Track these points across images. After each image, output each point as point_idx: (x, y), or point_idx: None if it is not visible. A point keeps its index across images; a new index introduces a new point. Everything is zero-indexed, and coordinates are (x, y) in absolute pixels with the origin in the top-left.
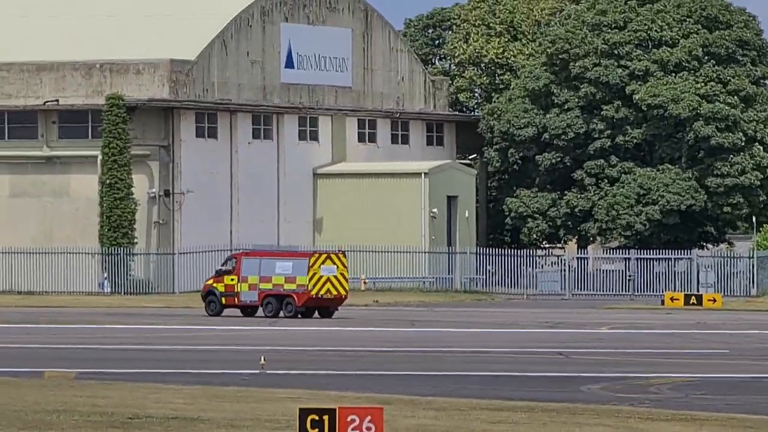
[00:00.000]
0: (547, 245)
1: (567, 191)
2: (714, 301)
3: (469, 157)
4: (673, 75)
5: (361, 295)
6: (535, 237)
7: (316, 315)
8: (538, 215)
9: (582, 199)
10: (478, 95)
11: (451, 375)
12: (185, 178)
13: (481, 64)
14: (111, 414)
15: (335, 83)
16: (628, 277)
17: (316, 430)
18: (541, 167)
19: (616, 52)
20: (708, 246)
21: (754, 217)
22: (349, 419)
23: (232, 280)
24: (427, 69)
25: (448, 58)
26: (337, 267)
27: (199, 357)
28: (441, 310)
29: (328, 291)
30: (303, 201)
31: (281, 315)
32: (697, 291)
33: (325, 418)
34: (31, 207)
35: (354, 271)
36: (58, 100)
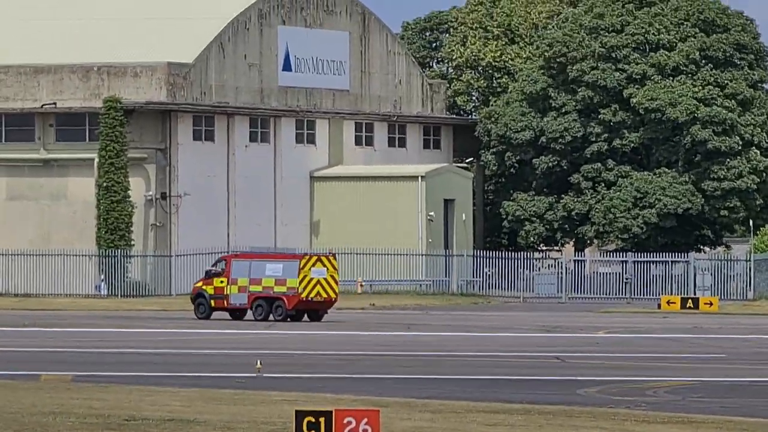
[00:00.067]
0: (544, 248)
1: (564, 195)
2: (711, 304)
3: (466, 160)
4: (671, 78)
5: (358, 298)
6: (532, 240)
7: (306, 318)
8: (535, 218)
9: (579, 203)
10: (475, 98)
11: (448, 378)
12: (182, 181)
13: (479, 68)
14: (107, 416)
15: (333, 86)
16: (625, 280)
17: None
18: (538, 171)
19: (614, 56)
20: (705, 249)
21: (751, 221)
22: (345, 421)
23: (222, 283)
24: (424, 72)
25: (446, 61)
26: (327, 269)
27: (196, 360)
28: (437, 314)
29: (318, 294)
30: (300, 204)
31: (271, 318)
32: (694, 294)
33: (322, 420)
34: (28, 210)
35: (351, 274)
36: (55, 103)
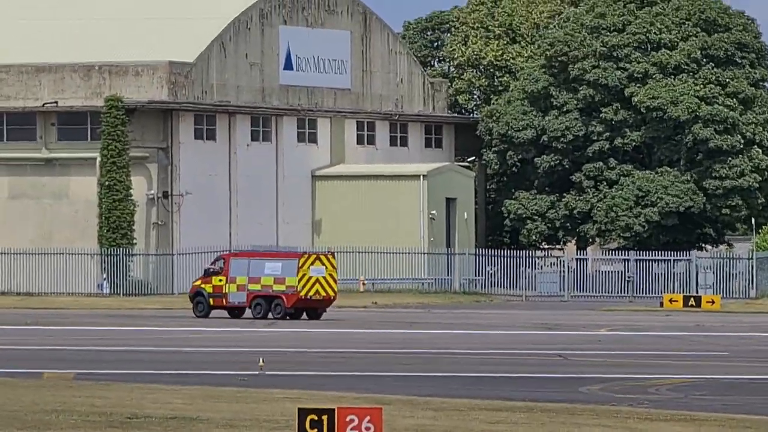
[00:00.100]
0: (546, 247)
1: (566, 193)
2: (713, 302)
3: (468, 159)
4: (672, 77)
5: (360, 296)
6: (534, 238)
7: (304, 316)
8: (537, 217)
9: (581, 201)
10: (476, 97)
11: (450, 376)
12: (184, 179)
13: (480, 67)
14: (109, 414)
15: (334, 85)
16: (627, 278)
17: (315, 430)
18: (539, 170)
19: (615, 55)
20: (707, 247)
21: (753, 219)
22: (348, 419)
23: (221, 281)
24: (425, 71)
25: (447, 60)
26: (326, 268)
27: (198, 358)
28: (440, 312)
29: (317, 292)
30: (302, 203)
31: (270, 316)
32: (696, 292)
33: (324, 418)
34: (30, 209)
35: (353, 273)
36: (57, 102)
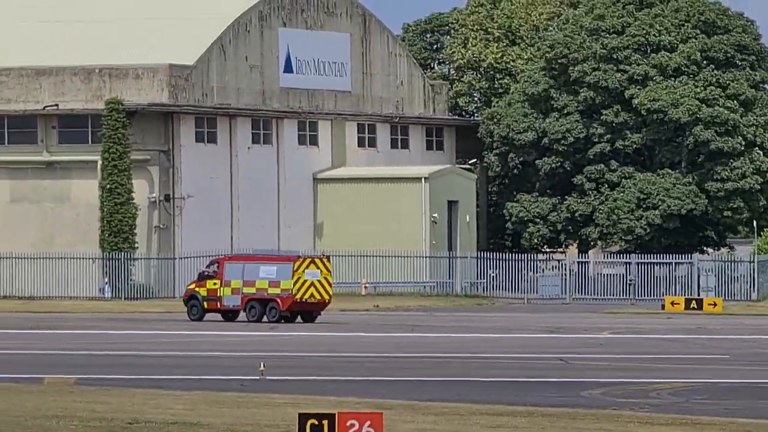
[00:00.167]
0: (547, 249)
1: (567, 196)
2: (714, 305)
3: (469, 161)
4: (673, 79)
5: (362, 299)
6: (535, 241)
7: (299, 320)
8: (538, 220)
9: (582, 204)
10: (477, 100)
11: (451, 380)
12: (185, 183)
13: (480, 69)
14: (110, 419)
15: (334, 88)
16: (628, 281)
17: None
18: (541, 172)
19: (615, 57)
20: (708, 250)
21: (755, 221)
22: (348, 424)
23: (215, 285)
24: (426, 73)
25: (447, 62)
26: (321, 271)
27: (199, 363)
28: (441, 315)
29: (312, 295)
30: (303, 206)
31: (264, 319)
32: (698, 295)
33: (325, 423)
34: (31, 212)
35: (355, 276)
36: (57, 105)
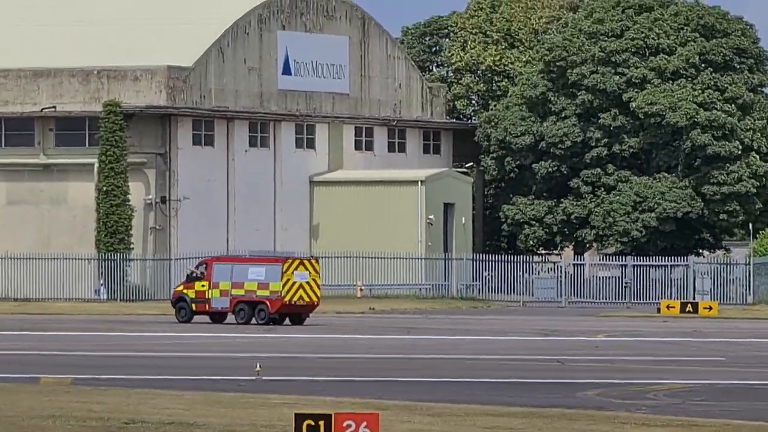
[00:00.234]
0: (543, 252)
1: (563, 199)
2: (710, 308)
3: (466, 165)
4: (671, 83)
5: (358, 302)
6: (531, 244)
7: (287, 322)
8: (534, 222)
9: (578, 206)
10: (475, 103)
11: (447, 381)
12: (182, 185)
13: (478, 72)
14: (107, 419)
15: (332, 90)
16: (624, 284)
17: None
18: (537, 175)
19: (613, 60)
20: (704, 253)
21: (751, 224)
22: (345, 425)
23: (203, 286)
24: (424, 76)
25: (445, 65)
26: (309, 273)
27: (195, 363)
28: (437, 317)
29: (301, 297)
30: (300, 208)
31: (253, 322)
32: (694, 298)
33: (321, 423)
34: (28, 214)
35: (350, 278)
36: (55, 107)
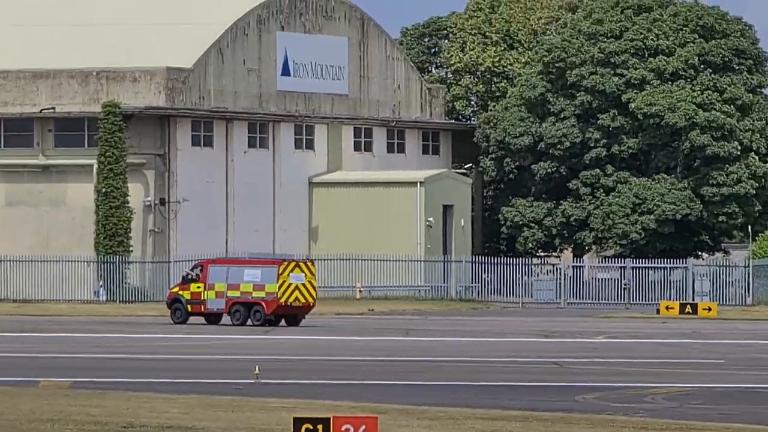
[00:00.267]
0: (542, 254)
1: (563, 200)
2: (709, 310)
3: (465, 166)
4: (670, 83)
5: (357, 303)
6: (530, 246)
7: (283, 323)
8: (533, 224)
9: (577, 209)
10: (474, 104)
11: (446, 384)
12: (181, 186)
13: (477, 73)
14: (105, 423)
15: (331, 91)
16: (623, 285)
17: None
18: (536, 177)
19: (613, 61)
20: (703, 255)
21: (750, 226)
22: (343, 428)
23: (199, 288)
24: (423, 77)
25: (444, 66)
26: (305, 275)
27: (194, 366)
28: (436, 319)
29: (297, 299)
30: (299, 210)
31: (249, 323)
32: (693, 300)
33: (320, 427)
34: (27, 215)
35: (349, 280)
36: (54, 108)
